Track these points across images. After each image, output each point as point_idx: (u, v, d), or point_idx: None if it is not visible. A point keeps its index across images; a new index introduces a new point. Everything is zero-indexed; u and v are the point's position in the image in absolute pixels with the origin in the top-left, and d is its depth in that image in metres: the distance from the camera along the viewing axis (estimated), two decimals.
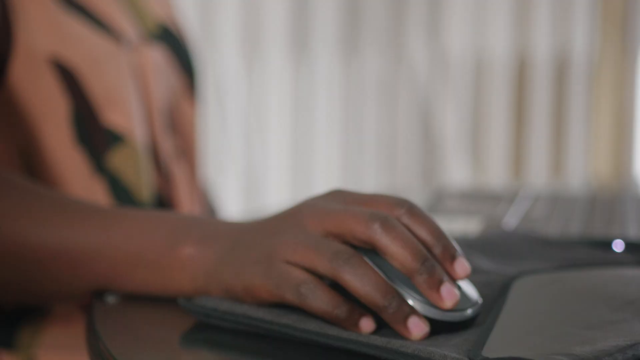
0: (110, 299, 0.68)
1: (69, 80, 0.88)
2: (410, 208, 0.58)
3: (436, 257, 0.57)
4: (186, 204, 1.01)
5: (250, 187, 2.70)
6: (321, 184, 2.59)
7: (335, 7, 2.55)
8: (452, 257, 0.57)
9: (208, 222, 0.66)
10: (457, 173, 2.55)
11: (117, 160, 0.91)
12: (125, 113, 0.91)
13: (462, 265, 0.57)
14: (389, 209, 0.59)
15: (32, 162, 0.87)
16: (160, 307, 0.65)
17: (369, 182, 2.56)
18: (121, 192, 0.91)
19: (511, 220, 0.92)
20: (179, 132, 1.02)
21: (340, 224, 0.58)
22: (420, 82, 2.54)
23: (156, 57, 0.99)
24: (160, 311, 0.65)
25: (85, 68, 0.89)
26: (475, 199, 1.05)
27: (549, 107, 2.59)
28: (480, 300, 0.58)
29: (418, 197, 1.13)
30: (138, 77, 0.95)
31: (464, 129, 2.59)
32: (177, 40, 1.04)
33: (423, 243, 0.58)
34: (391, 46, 2.53)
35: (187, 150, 1.05)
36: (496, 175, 2.57)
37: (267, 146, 2.67)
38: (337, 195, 0.61)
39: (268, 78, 2.64)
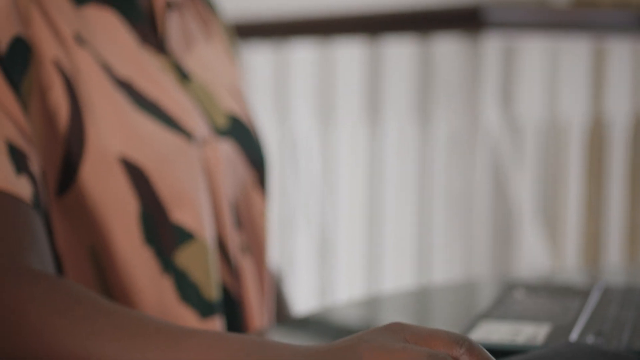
0: None
1: (139, 179, 0.89)
2: (470, 347, 0.58)
3: None
4: (255, 300, 1.01)
5: (323, 247, 2.71)
6: (392, 247, 2.58)
7: (408, 71, 2.55)
8: None
9: (267, 347, 0.66)
10: (530, 243, 2.51)
11: (186, 257, 0.92)
12: (194, 212, 0.92)
13: None
14: (448, 347, 0.58)
15: (100, 260, 0.89)
16: None
17: (439, 246, 2.54)
18: (189, 289, 0.92)
19: (581, 321, 0.90)
20: (244, 226, 1.03)
21: None
22: (493, 148, 2.52)
23: (225, 151, 1.00)
24: None
25: (154, 167, 0.90)
26: (546, 293, 1.04)
27: (625, 174, 2.55)
28: None
29: (487, 292, 1.12)
30: (207, 173, 0.96)
31: (538, 197, 2.56)
32: (248, 132, 1.05)
33: None
34: (464, 111, 2.52)
35: (257, 243, 1.05)
36: (571, 244, 2.52)
37: (339, 207, 2.67)
38: (396, 330, 0.61)
39: (341, 141, 2.65)
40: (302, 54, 2.70)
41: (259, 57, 2.76)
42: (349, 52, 2.64)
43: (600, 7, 2.95)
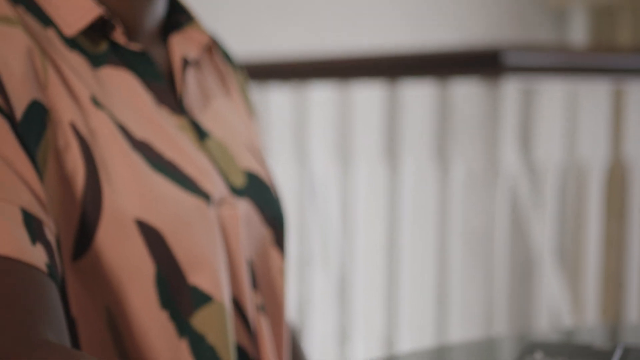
0: None
1: (155, 242, 0.89)
2: None
3: None
4: None
5: (341, 288, 2.69)
6: (411, 288, 2.56)
7: (426, 114, 2.55)
8: None
9: None
10: (550, 284, 2.49)
11: (203, 320, 0.91)
12: (212, 275, 0.92)
13: None
14: None
15: (116, 324, 0.88)
16: None
17: (458, 288, 2.52)
18: (206, 353, 0.91)
19: None
20: (260, 285, 1.02)
21: None
22: (512, 190, 2.51)
23: (243, 210, 0.99)
24: None
25: (171, 229, 0.90)
26: (565, 356, 1.02)
27: None
28: None
29: (507, 351, 1.11)
30: (224, 233, 0.96)
31: (558, 239, 2.54)
32: (266, 189, 1.04)
33: None
34: (483, 154, 2.51)
35: (274, 302, 1.04)
36: (591, 287, 2.50)
37: (358, 248, 2.66)
38: None
39: (359, 182, 2.64)
40: (321, 95, 2.70)
41: (278, 99, 2.76)
42: (368, 94, 2.64)
43: (619, 50, 2.94)
